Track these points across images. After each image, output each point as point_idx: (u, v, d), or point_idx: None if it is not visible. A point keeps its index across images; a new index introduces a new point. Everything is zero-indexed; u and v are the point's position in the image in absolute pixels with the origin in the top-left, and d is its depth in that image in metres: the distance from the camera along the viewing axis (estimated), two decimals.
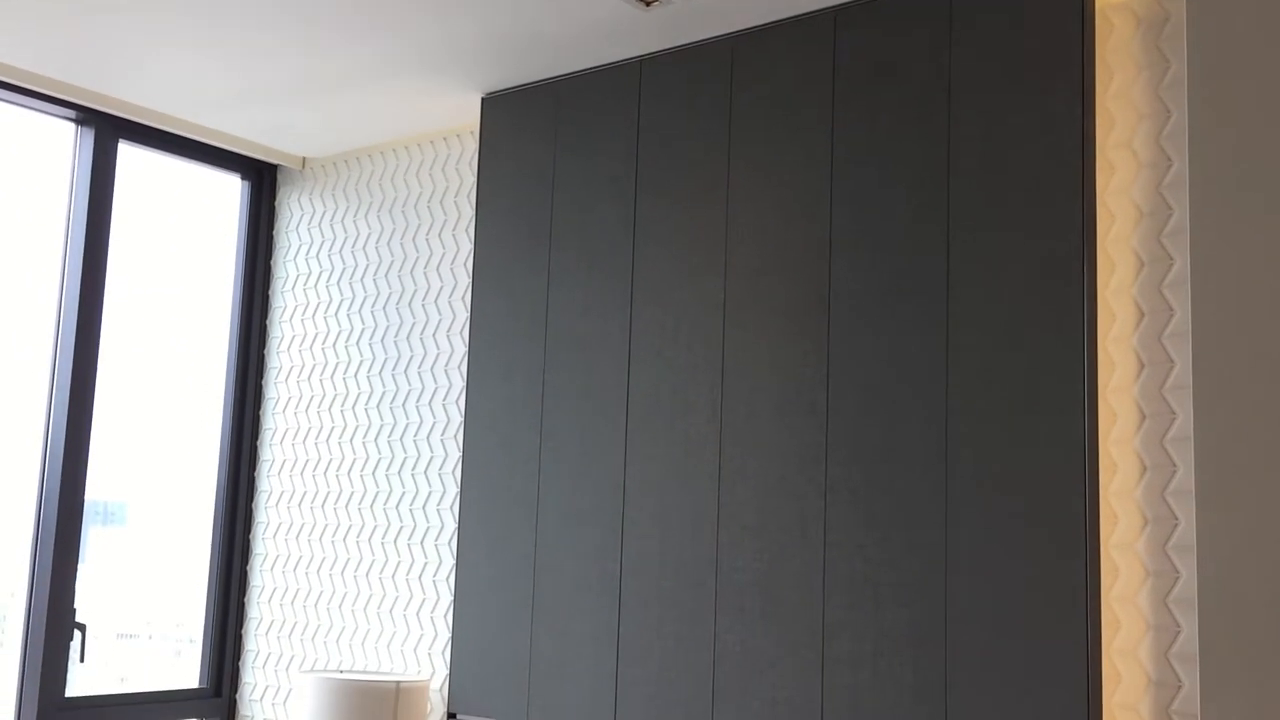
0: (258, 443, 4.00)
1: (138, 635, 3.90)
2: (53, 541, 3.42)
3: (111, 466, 3.71)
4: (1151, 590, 2.34)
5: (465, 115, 3.58)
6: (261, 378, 4.03)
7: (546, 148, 3.22)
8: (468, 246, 3.58)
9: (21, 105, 3.47)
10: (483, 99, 3.39)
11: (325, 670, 3.56)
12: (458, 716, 3.14)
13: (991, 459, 2.39)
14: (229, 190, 4.07)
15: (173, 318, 3.97)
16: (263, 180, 4.07)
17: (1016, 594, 2.32)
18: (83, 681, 3.54)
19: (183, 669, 3.87)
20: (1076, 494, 2.28)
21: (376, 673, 3.42)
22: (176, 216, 4.01)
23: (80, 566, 3.49)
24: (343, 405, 3.80)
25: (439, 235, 3.66)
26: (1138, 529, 2.37)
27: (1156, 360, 2.40)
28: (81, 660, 3.46)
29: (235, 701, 3.88)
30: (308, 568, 3.80)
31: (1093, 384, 2.32)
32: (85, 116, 3.57)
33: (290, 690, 3.75)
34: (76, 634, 3.45)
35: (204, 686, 3.84)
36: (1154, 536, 2.35)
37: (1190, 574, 2.30)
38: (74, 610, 3.44)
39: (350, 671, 3.45)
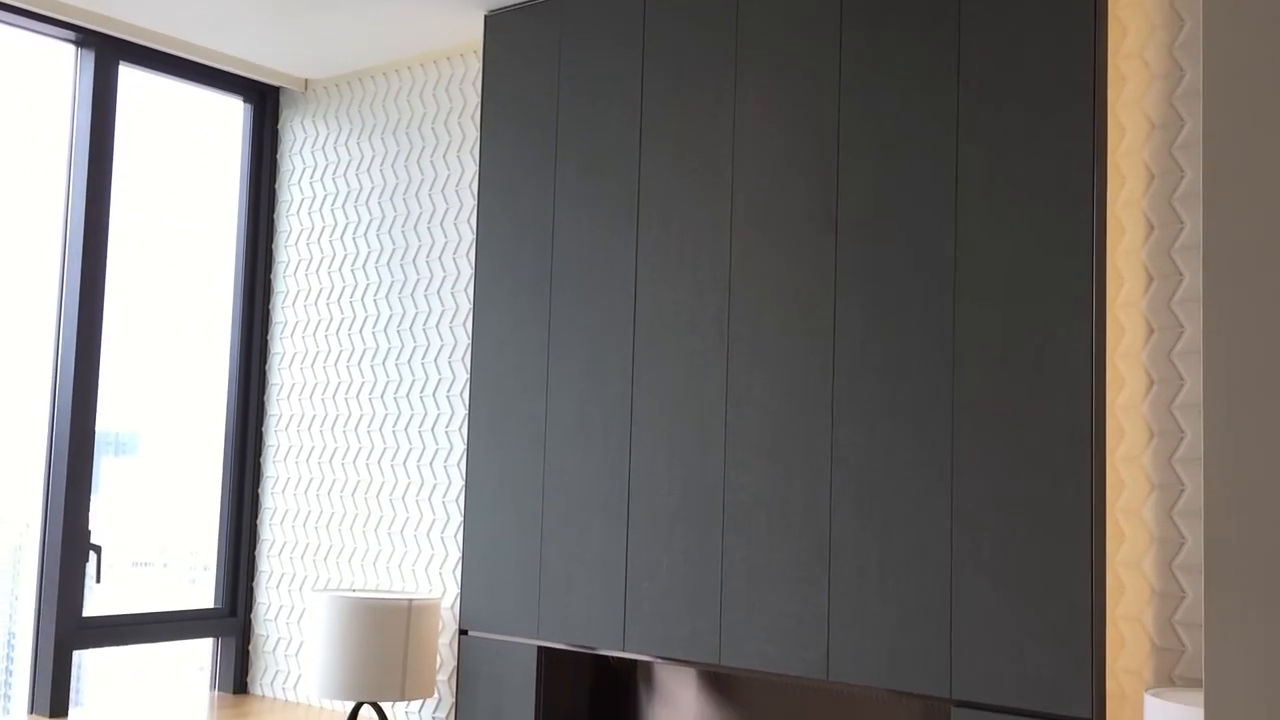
0: (266, 367, 4.01)
1: (152, 563, 3.95)
2: (65, 466, 3.45)
3: (122, 397, 3.73)
4: (1156, 503, 2.35)
5: (468, 34, 3.53)
6: (268, 302, 4.03)
7: (550, 65, 3.18)
8: (473, 168, 3.56)
9: (20, 27, 3.43)
10: (486, 17, 3.34)
11: (338, 589, 3.61)
12: (469, 633, 3.18)
13: (996, 372, 2.39)
14: (232, 114, 4.04)
15: (178, 245, 3.96)
16: (265, 103, 4.04)
17: (1021, 509, 2.33)
18: (100, 602, 3.59)
19: (197, 596, 3.93)
20: (1083, 407, 2.28)
21: (388, 592, 3.47)
22: (180, 142, 3.98)
23: (94, 497, 3.52)
24: (350, 329, 3.80)
25: (444, 157, 3.63)
26: (1144, 442, 2.38)
27: (1166, 274, 2.39)
28: (98, 581, 3.50)
29: (250, 621, 3.94)
30: (318, 490, 3.83)
31: (1101, 299, 2.31)
32: (85, 38, 3.53)
33: (304, 609, 3.81)
34: (92, 556, 3.50)
35: (219, 606, 3.89)
36: (1160, 449, 2.36)
37: (1195, 487, 2.31)
38: (89, 532, 3.48)
39: (362, 590, 3.50)
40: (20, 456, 3.52)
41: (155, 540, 3.95)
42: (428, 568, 3.54)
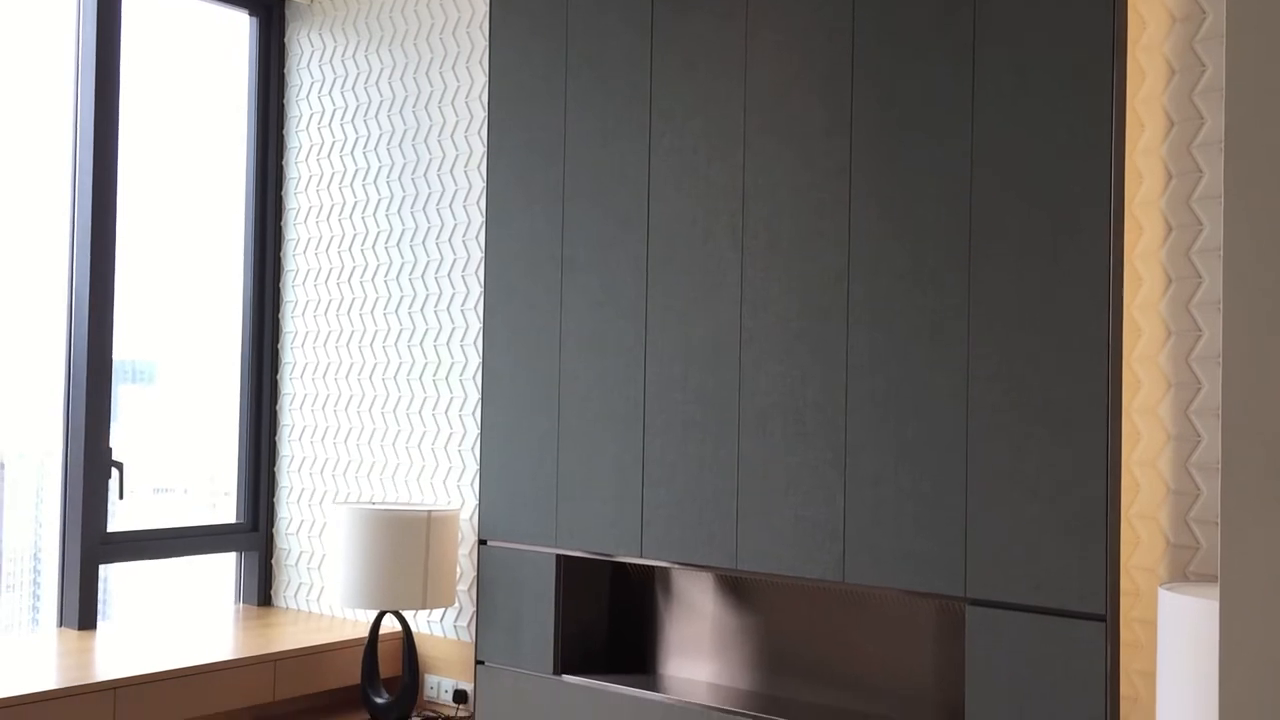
0: (280, 284, 4.01)
1: (173, 489, 3.99)
2: (85, 384, 3.47)
3: (139, 326, 3.73)
4: (1173, 401, 2.35)
5: None
6: (280, 219, 4.02)
7: None
8: (482, 79, 3.52)
9: None
10: None
11: (358, 502, 3.65)
12: (488, 543, 3.22)
13: (1013, 273, 2.38)
14: (238, 29, 3.99)
15: (188, 166, 3.94)
16: (271, 16, 3.99)
17: (1038, 409, 2.33)
18: (123, 519, 3.64)
19: (219, 519, 3.97)
20: (1100, 306, 2.27)
21: (408, 504, 3.50)
22: (186, 61, 3.94)
23: (114, 425, 3.54)
24: (362, 245, 3.79)
25: (453, 68, 3.59)
26: (1161, 341, 2.37)
27: (1185, 171, 2.36)
28: (120, 498, 3.54)
29: (272, 535, 3.99)
30: (335, 406, 3.85)
31: (1119, 198, 2.28)
32: None
33: (324, 523, 3.85)
34: (114, 473, 3.53)
35: (241, 521, 3.94)
36: (1177, 348, 2.35)
37: (1212, 385, 2.30)
38: (109, 449, 3.52)
39: (382, 503, 3.53)
40: (41, 379, 3.55)
41: (175, 467, 3.99)
42: (445, 480, 3.57)
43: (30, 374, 3.56)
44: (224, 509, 3.97)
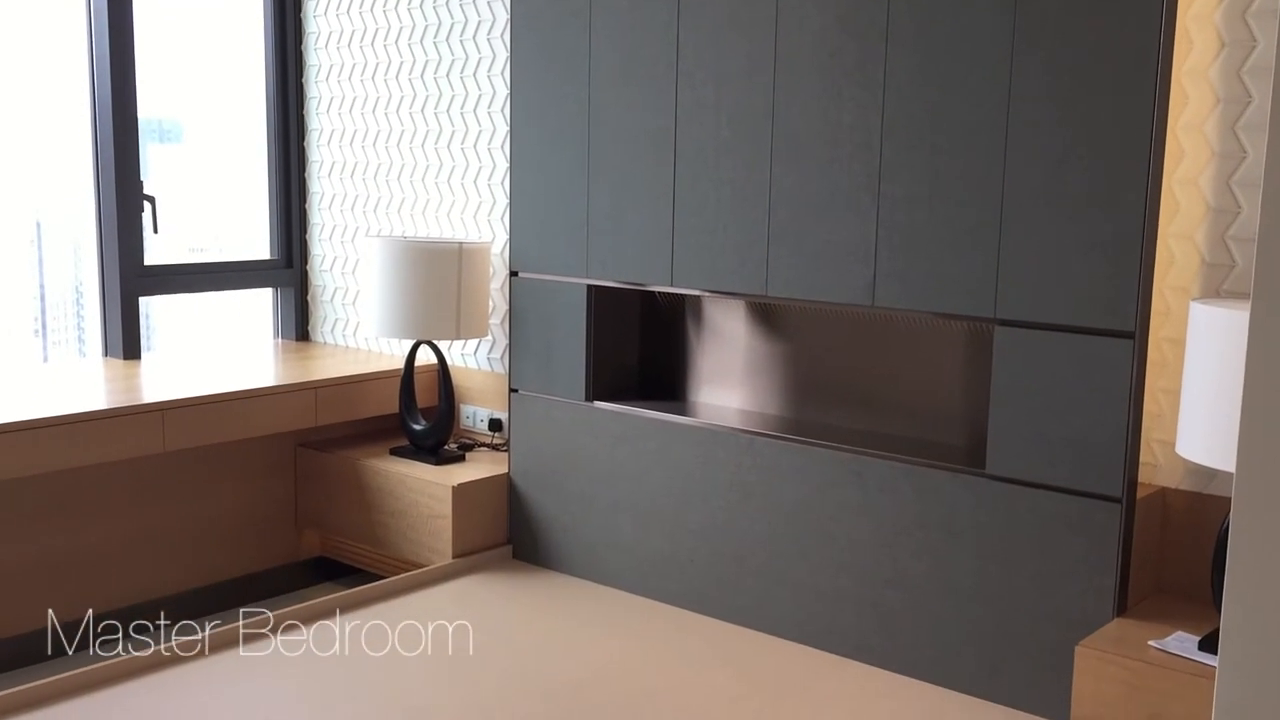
0: (300, 14, 3.91)
1: (206, 249, 4.00)
2: (110, 124, 3.43)
3: (162, 84, 3.64)
4: (1220, 117, 2.29)
5: None
6: None
7: None
8: None
9: None
10: None
11: (390, 235, 3.67)
12: (520, 274, 3.24)
13: (1061, 8, 2.27)
14: None
15: None
16: None
17: (1080, 128, 2.27)
18: (159, 252, 3.68)
19: (253, 257, 4.00)
20: (1151, 20, 2.18)
21: (439, 238, 3.51)
22: None
23: (144, 182, 3.51)
24: None
25: None
26: (1212, 54, 2.28)
27: None
28: (155, 231, 3.57)
29: (307, 273, 4.03)
30: (364, 141, 3.82)
31: None
32: None
33: (358, 260, 3.88)
34: (146, 206, 3.55)
35: (276, 258, 3.98)
36: (1229, 60, 2.27)
37: (1262, 97, 2.23)
38: (141, 183, 3.52)
39: (414, 236, 3.54)
40: (71, 137, 3.50)
41: (209, 227, 3.99)
42: (476, 215, 3.56)
43: (60, 133, 3.52)
44: (259, 252, 3.99)
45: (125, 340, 3.53)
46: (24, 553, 2.99)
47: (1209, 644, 2.14)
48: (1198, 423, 2.06)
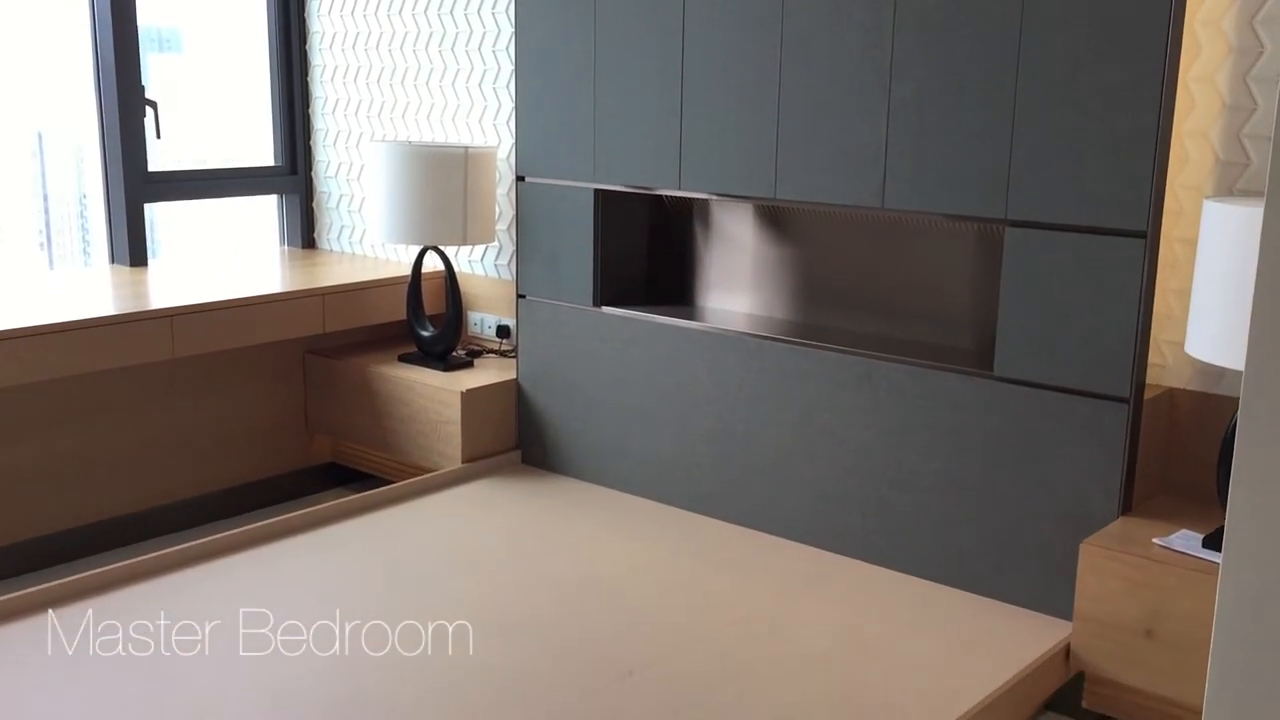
0: None
1: (209, 161, 3.95)
2: (109, 23, 3.38)
3: None
4: (1239, 12, 2.24)
5: None
6: None
7: None
8: None
9: None
10: None
11: (394, 140, 3.63)
12: (526, 179, 3.21)
13: None
14: None
15: None
16: None
17: (1094, 25, 2.22)
18: (163, 158, 3.65)
19: (257, 164, 3.97)
20: None
21: (444, 142, 3.47)
22: None
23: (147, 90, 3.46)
24: None
25: None
26: (1227, 3, 2.23)
27: None
28: (158, 136, 3.54)
29: (311, 180, 4.00)
30: (365, 44, 3.76)
31: None
32: None
33: (363, 166, 3.85)
34: (149, 111, 3.51)
35: (280, 164, 3.95)
36: (1242, 11, 2.21)
37: (1275, 49, 2.18)
38: (142, 87, 3.48)
39: (419, 141, 3.51)
40: (71, 50, 3.45)
41: (211, 137, 3.94)
42: (481, 119, 3.52)
43: (59, 43, 3.47)
44: (263, 160, 3.95)
45: (132, 247, 3.52)
46: (34, 458, 3.02)
47: (1213, 541, 2.16)
48: (1208, 321, 2.05)
